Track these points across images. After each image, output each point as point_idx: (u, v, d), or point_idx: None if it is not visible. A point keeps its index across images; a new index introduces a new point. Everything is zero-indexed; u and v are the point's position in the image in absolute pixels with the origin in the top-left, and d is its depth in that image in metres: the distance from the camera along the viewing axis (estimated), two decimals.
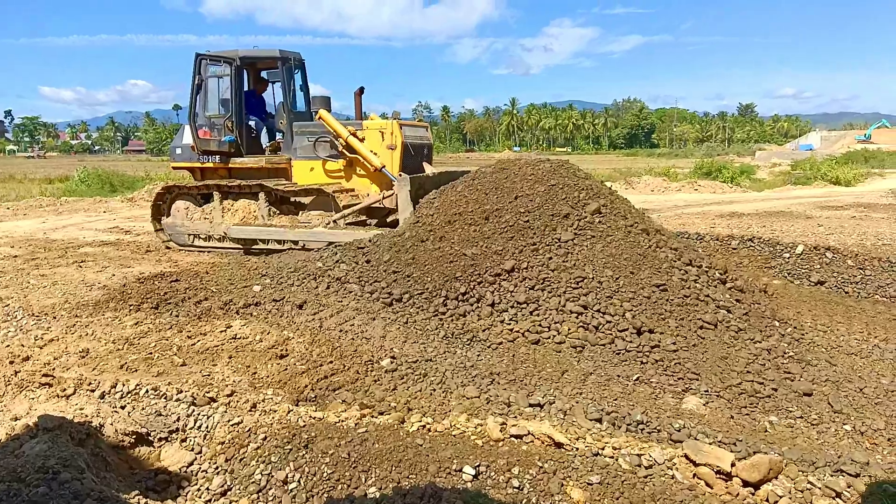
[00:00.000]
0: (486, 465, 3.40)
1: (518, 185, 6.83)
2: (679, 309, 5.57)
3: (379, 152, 9.03)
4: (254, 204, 9.66)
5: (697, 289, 5.79)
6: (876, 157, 45.07)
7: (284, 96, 10.33)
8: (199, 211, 10.17)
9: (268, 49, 10.40)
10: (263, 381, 4.56)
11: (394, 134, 9.10)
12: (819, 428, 4.48)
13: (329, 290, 6.10)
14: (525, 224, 6.32)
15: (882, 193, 17.65)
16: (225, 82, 10.00)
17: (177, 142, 10.66)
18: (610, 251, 6.06)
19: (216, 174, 10.22)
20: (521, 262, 6.02)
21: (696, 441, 3.85)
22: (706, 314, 5.52)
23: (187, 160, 10.39)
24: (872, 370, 5.23)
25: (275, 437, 3.68)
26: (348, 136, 9.03)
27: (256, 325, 5.52)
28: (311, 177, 9.60)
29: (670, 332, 5.36)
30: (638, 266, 5.93)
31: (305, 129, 9.72)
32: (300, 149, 9.69)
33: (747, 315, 5.70)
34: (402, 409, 4.24)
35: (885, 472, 3.84)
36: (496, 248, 6.15)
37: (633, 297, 5.63)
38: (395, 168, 9.03)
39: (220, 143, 9.85)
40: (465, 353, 5.29)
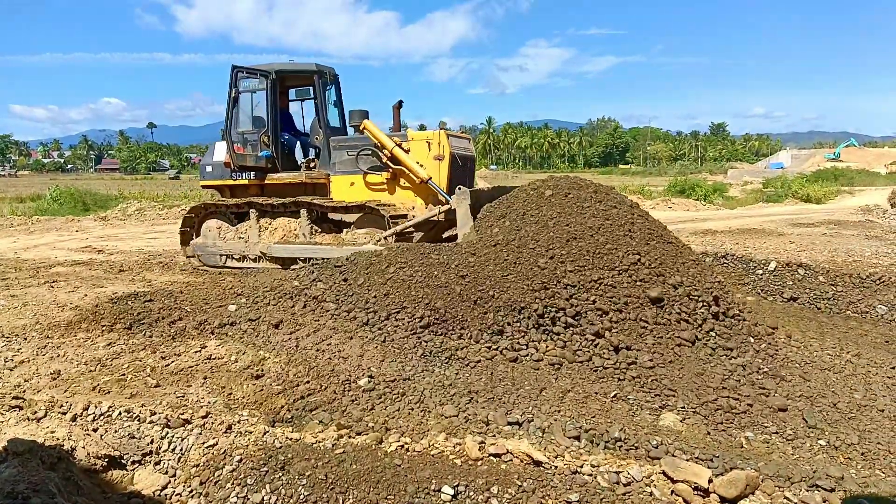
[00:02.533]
0: (464, 484, 3.38)
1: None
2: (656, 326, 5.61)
3: (425, 164, 8.75)
4: (294, 222, 9.36)
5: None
6: (845, 175, 46.03)
7: (321, 111, 10.08)
8: (233, 230, 9.87)
9: (304, 63, 10.16)
10: (239, 402, 4.51)
11: (441, 144, 8.81)
12: (794, 443, 4.52)
13: (306, 309, 6.05)
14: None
15: (852, 210, 17.98)
16: (259, 96, 9.75)
17: (207, 159, 10.32)
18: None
19: (247, 191, 9.93)
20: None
21: (673, 457, 3.87)
22: (684, 332, 5.56)
23: (218, 178, 10.04)
24: (845, 385, 5.29)
25: (250, 459, 3.63)
26: (394, 148, 8.76)
27: (232, 345, 5.46)
28: (351, 192, 9.30)
29: (647, 350, 5.40)
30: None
31: (344, 143, 9.50)
32: (339, 163, 9.44)
33: (726, 332, 5.75)
34: (380, 429, 4.21)
35: (860, 486, 3.89)
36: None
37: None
38: (443, 180, 8.77)
39: (258, 159, 9.54)
40: (443, 372, 5.27)
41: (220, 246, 9.80)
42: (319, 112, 10.06)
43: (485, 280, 5.95)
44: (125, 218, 20.43)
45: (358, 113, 9.53)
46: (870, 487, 3.92)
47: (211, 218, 10.16)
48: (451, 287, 5.91)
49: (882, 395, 5.07)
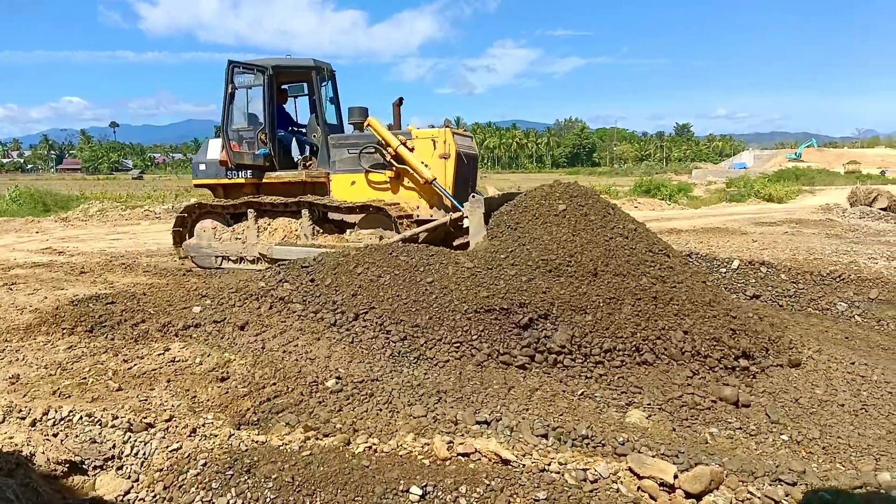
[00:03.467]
0: (433, 484, 3.37)
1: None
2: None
3: (430, 163, 8.55)
4: (294, 222, 9.09)
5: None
6: (806, 175, 47.05)
7: (318, 108, 9.80)
8: (229, 231, 9.58)
9: (301, 58, 9.89)
10: (203, 405, 4.44)
11: (447, 142, 8.58)
12: (757, 438, 4.59)
13: (272, 310, 5.99)
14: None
15: (813, 209, 18.36)
16: (254, 92, 9.49)
17: (200, 157, 9.99)
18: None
19: (241, 190, 9.67)
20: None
21: (639, 454, 3.90)
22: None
23: (212, 176, 9.78)
24: (807, 381, 5.39)
25: (215, 463, 3.58)
26: (398, 146, 8.55)
27: (196, 347, 5.38)
28: (352, 191, 9.07)
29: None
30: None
31: (344, 141, 9.27)
32: (339, 162, 9.20)
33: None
34: (348, 431, 4.18)
35: (821, 480, 3.96)
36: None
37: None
38: (449, 180, 8.56)
39: (255, 157, 9.29)
40: (411, 372, 5.25)
41: (216, 247, 9.50)
42: (318, 109, 9.79)
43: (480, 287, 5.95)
44: (87, 219, 20.04)
45: (358, 110, 9.33)
46: (830, 481, 3.99)
47: (205, 218, 9.86)
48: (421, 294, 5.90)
49: (842, 390, 5.18)
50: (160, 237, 14.56)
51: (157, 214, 20.75)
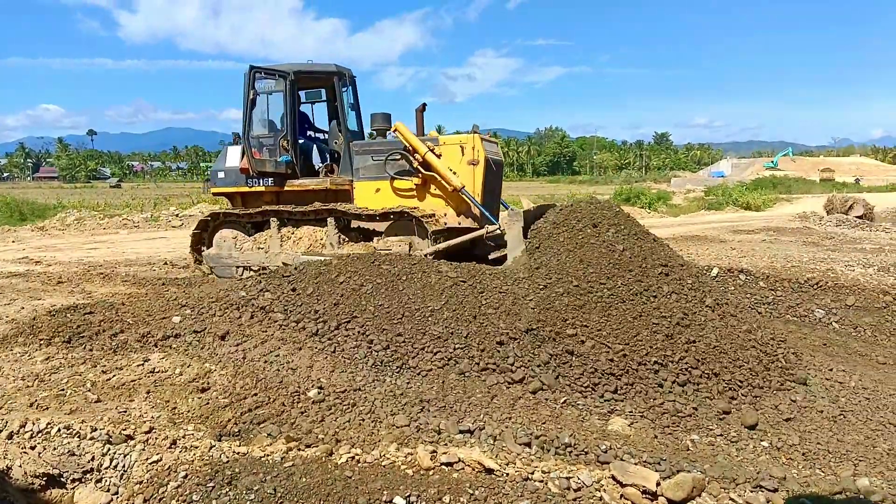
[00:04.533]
0: (416, 494, 3.36)
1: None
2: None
3: (458, 170, 8.35)
4: (319, 230, 8.89)
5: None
6: (783, 184, 47.66)
7: (340, 114, 9.53)
8: (251, 240, 9.35)
9: (323, 63, 9.68)
10: (184, 416, 4.40)
11: (476, 149, 8.38)
12: (738, 445, 4.63)
13: (253, 319, 5.95)
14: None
15: (790, 217, 18.59)
16: (275, 98, 9.26)
17: (219, 165, 9.73)
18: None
19: (261, 199, 9.44)
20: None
21: (622, 462, 3.92)
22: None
23: (232, 185, 9.50)
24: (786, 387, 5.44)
25: (196, 475, 3.53)
26: (426, 153, 8.36)
27: (176, 357, 5.33)
28: (376, 199, 8.84)
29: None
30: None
31: (368, 147, 9.06)
32: (363, 169, 8.96)
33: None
34: (330, 441, 4.16)
35: (801, 486, 4.01)
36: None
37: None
38: (477, 187, 8.36)
39: (277, 164, 9.03)
40: (394, 381, 5.24)
41: (237, 257, 9.25)
42: (340, 115, 9.55)
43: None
44: (64, 228, 19.80)
45: (381, 116, 9.17)
46: (811, 487, 4.04)
47: (224, 227, 9.65)
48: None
49: (821, 396, 5.23)
50: (139, 246, 14.44)
51: (135, 223, 20.54)
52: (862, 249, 11.62)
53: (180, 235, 16.91)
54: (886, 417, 5.02)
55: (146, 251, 13.53)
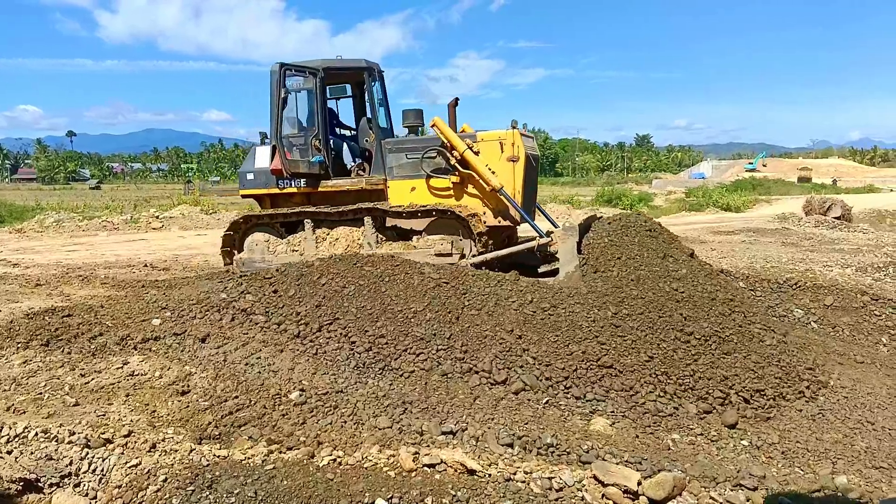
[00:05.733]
0: (398, 496, 3.35)
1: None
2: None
3: (497, 167, 8.03)
4: (356, 231, 8.65)
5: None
6: (763, 185, 48.12)
7: (372, 111, 9.26)
8: (284, 243, 9.08)
9: (353, 59, 9.35)
10: (164, 420, 4.35)
11: (516, 145, 8.04)
12: (718, 444, 4.67)
13: (234, 322, 5.91)
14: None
15: (769, 219, 18.75)
16: (303, 96, 8.99)
17: (247, 166, 9.36)
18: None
19: (291, 200, 9.17)
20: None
21: (603, 462, 3.94)
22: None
23: (262, 186, 9.16)
24: None
25: (176, 479, 3.50)
26: (465, 150, 8.02)
27: (156, 360, 5.27)
28: (411, 198, 8.56)
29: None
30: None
31: (402, 145, 8.73)
32: (397, 167, 8.66)
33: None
34: (312, 444, 4.14)
35: (780, 484, 4.04)
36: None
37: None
38: (518, 184, 8.08)
39: (310, 165, 8.73)
40: (377, 383, 5.23)
41: (271, 260, 8.92)
42: (372, 112, 9.28)
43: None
44: (42, 230, 19.55)
45: (413, 112, 8.89)
46: (790, 485, 4.08)
47: (255, 231, 9.37)
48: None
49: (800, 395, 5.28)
50: (118, 248, 14.30)
51: (115, 225, 20.33)
52: (840, 250, 11.76)
53: (160, 237, 16.79)
54: (864, 416, 5.08)
55: (126, 253, 13.40)
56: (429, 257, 7.81)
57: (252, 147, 9.54)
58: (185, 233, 17.87)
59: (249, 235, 9.37)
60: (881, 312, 7.49)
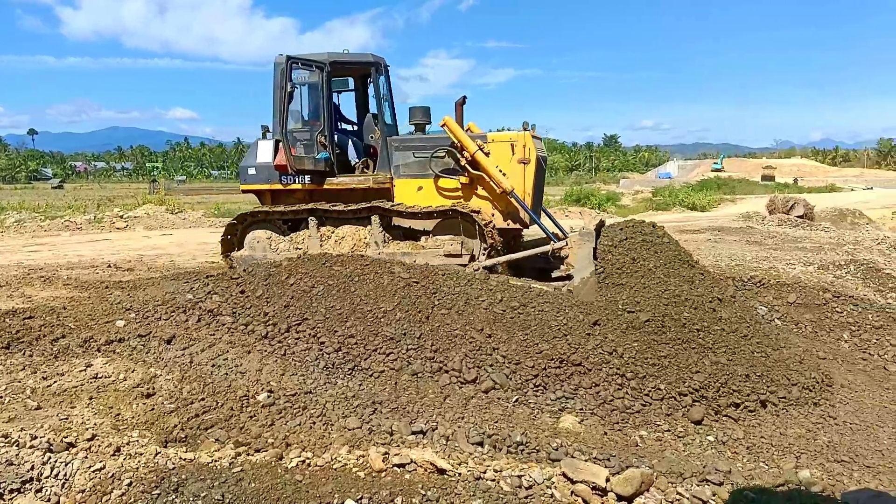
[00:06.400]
0: (368, 497, 3.34)
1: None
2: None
3: (507, 169, 7.98)
4: (363, 230, 8.42)
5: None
6: (727, 185, 48.89)
7: (378, 107, 9.09)
8: (286, 240, 8.84)
9: (360, 53, 9.12)
10: (128, 423, 4.28)
11: (527, 147, 8.00)
12: (685, 440, 4.73)
13: (200, 323, 5.84)
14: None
15: (734, 217, 19.07)
16: (308, 90, 8.76)
17: (249, 161, 9.11)
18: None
19: (293, 197, 8.94)
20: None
21: (572, 459, 3.96)
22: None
23: (264, 181, 8.92)
24: None
25: (141, 483, 3.44)
26: (476, 151, 7.93)
27: (120, 362, 5.18)
28: (418, 197, 8.43)
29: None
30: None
31: (409, 143, 8.61)
32: (404, 166, 8.54)
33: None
34: (281, 445, 4.10)
35: (745, 479, 4.11)
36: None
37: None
38: (528, 187, 8.03)
39: (316, 162, 8.49)
40: (346, 384, 5.20)
41: (272, 258, 8.51)
42: (378, 108, 9.15)
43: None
44: (3, 230, 19.10)
45: (421, 110, 8.82)
46: (755, 480, 4.15)
47: (256, 227, 9.11)
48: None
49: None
50: (81, 249, 14.03)
51: (78, 225, 19.94)
52: (803, 248, 11.99)
53: (124, 237, 16.52)
54: (826, 411, 5.19)
55: (89, 254, 13.15)
56: (437, 258, 7.75)
57: (255, 141, 9.27)
58: (150, 233, 17.60)
59: (250, 232, 9.10)
60: (842, 309, 7.65)
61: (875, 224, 19.06)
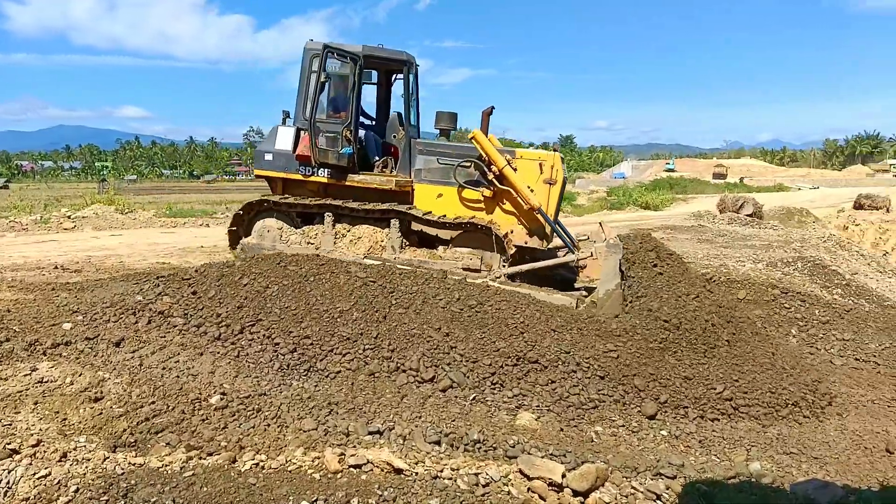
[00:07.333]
0: (323, 499, 3.30)
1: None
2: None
3: (533, 188, 7.85)
4: (380, 232, 8.18)
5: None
6: (679, 184, 49.80)
7: (405, 107, 8.86)
8: (298, 233, 8.53)
9: (394, 50, 8.79)
10: (75, 428, 4.15)
11: (555, 168, 7.94)
12: (639, 434, 4.80)
13: (150, 325, 5.70)
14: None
15: (686, 216, 19.44)
16: (337, 82, 8.41)
17: (267, 146, 8.72)
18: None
19: (305, 188, 8.60)
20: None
21: (529, 456, 3.98)
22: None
23: (281, 169, 8.54)
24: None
25: (88, 489, 3.34)
26: (505, 167, 7.81)
27: (67, 366, 5.02)
28: (438, 204, 8.25)
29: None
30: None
31: (435, 148, 8.44)
32: (426, 171, 8.35)
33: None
34: (234, 448, 4.02)
35: (698, 472, 4.19)
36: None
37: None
38: (551, 207, 7.93)
39: (340, 156, 8.15)
40: (301, 385, 5.14)
41: (281, 250, 8.25)
42: (406, 108, 8.94)
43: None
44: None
45: (447, 115, 8.60)
46: (707, 473, 4.23)
47: (269, 216, 8.78)
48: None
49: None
50: (27, 250, 13.59)
51: (23, 226, 19.33)
52: (752, 246, 12.29)
53: (72, 238, 16.06)
54: None
55: (35, 255, 12.74)
56: (455, 269, 7.60)
57: (275, 127, 8.89)
58: (98, 233, 17.13)
59: (261, 220, 8.80)
60: (790, 305, 7.86)
61: (821, 222, 19.66)
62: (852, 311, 7.94)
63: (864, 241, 18.54)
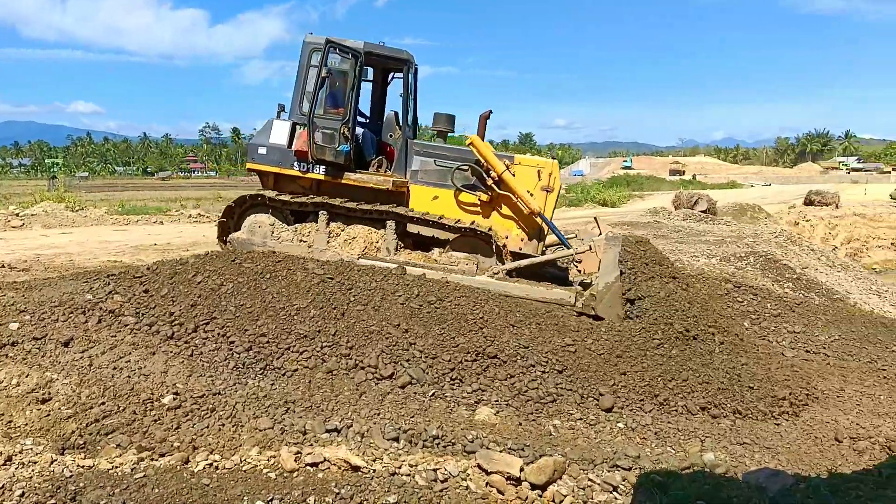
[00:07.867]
0: (279, 498, 3.25)
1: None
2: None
3: (532, 194, 7.84)
4: (375, 232, 7.99)
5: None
6: (636, 181, 50.60)
7: (403, 107, 8.68)
8: (291, 230, 8.27)
9: (395, 48, 8.60)
10: (21, 430, 4.02)
11: (553, 175, 7.94)
12: (596, 427, 4.84)
13: (101, 324, 5.54)
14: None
15: (642, 213, 19.73)
16: (339, 77, 8.16)
17: (261, 139, 8.42)
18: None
19: (297, 185, 8.33)
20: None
21: (487, 450, 3.98)
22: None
23: (275, 164, 8.27)
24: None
25: (35, 493, 3.24)
26: (504, 172, 7.77)
27: (13, 367, 4.86)
28: (433, 206, 8.12)
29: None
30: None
31: (432, 150, 8.31)
32: (422, 172, 8.23)
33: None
34: (187, 449, 3.94)
35: (653, 463, 4.24)
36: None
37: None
38: (547, 214, 7.88)
39: (337, 154, 7.94)
40: (257, 384, 5.05)
41: (272, 246, 8.01)
42: (405, 108, 8.78)
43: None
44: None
45: (445, 117, 8.55)
46: (662, 464, 4.28)
47: (261, 211, 8.48)
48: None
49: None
50: None
51: None
52: (706, 241, 12.53)
53: (20, 236, 15.59)
54: None
55: None
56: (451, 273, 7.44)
57: (270, 120, 8.65)
58: (48, 231, 16.66)
59: (251, 215, 8.53)
60: (743, 298, 8.02)
61: (773, 218, 20.15)
62: (803, 304, 8.14)
63: (815, 236, 19.08)
